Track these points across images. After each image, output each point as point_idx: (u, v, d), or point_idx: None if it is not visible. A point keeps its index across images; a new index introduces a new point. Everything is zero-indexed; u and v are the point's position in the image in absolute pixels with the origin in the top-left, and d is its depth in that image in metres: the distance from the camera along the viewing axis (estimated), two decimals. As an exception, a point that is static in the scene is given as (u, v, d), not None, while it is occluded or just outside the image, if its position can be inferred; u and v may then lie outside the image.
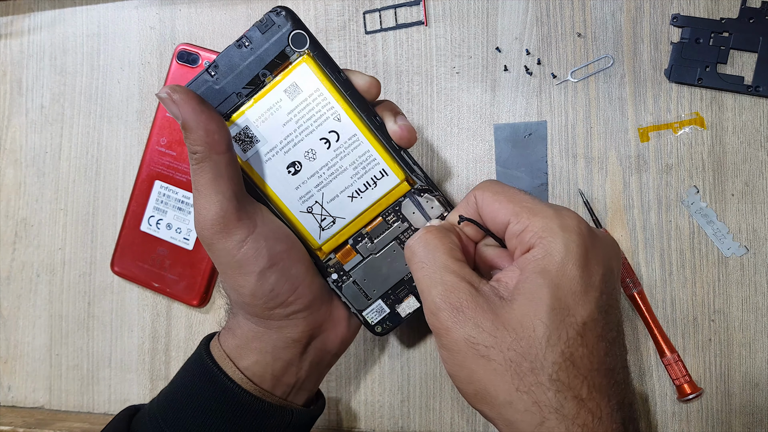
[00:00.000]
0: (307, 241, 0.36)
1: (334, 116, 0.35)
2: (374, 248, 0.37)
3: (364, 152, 0.35)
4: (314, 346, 0.36)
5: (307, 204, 0.36)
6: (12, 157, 0.54)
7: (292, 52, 0.34)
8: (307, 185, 0.36)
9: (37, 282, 0.53)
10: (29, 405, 0.53)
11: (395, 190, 0.36)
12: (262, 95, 0.35)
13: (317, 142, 0.35)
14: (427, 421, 0.47)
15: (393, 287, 0.37)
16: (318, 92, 0.35)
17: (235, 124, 0.35)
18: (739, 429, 0.43)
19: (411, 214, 0.36)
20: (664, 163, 0.44)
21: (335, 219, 0.36)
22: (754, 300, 0.43)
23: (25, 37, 0.54)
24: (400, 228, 0.36)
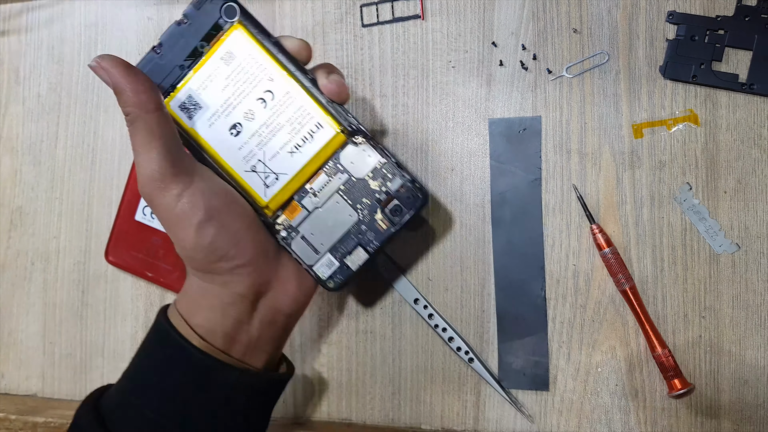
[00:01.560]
0: (254, 199, 0.38)
1: (267, 77, 0.37)
2: (318, 202, 0.38)
3: (299, 107, 0.37)
4: (264, 303, 0.37)
5: (250, 163, 0.37)
6: (8, 146, 0.54)
7: (225, 23, 0.37)
8: (249, 145, 0.37)
9: (31, 270, 0.53)
10: (22, 392, 0.53)
11: (332, 141, 0.37)
12: (201, 65, 0.37)
13: (254, 103, 0.37)
14: (418, 413, 0.47)
15: (340, 240, 0.38)
16: (250, 56, 0.37)
17: (179, 94, 0.37)
18: (729, 425, 0.43)
19: (350, 164, 0.37)
20: (658, 159, 0.44)
21: (278, 175, 0.38)
22: (744, 297, 0.43)
23: (23, 26, 0.54)
24: (341, 179, 0.37)
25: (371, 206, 0.38)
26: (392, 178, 0.37)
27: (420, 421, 0.47)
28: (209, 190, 0.35)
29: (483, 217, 0.46)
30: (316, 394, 0.48)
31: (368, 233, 0.38)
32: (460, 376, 0.46)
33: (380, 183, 0.37)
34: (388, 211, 0.37)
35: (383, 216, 0.38)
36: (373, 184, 0.37)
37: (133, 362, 0.37)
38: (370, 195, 0.37)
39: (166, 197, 0.34)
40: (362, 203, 0.38)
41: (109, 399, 0.37)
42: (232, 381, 0.35)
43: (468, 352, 0.46)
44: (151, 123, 0.34)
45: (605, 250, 0.44)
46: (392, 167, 0.37)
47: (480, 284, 0.46)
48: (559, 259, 0.45)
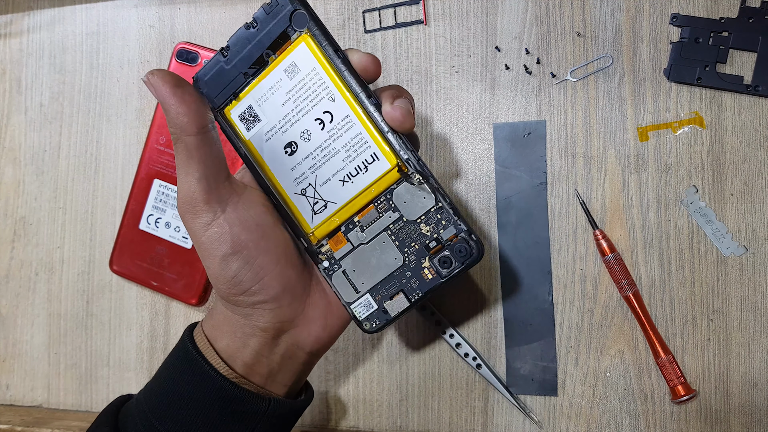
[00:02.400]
0: (300, 224, 0.36)
1: (328, 96, 0.35)
2: (364, 238, 0.35)
3: (356, 134, 0.35)
4: (285, 339, 0.36)
5: (301, 186, 0.36)
6: (11, 156, 0.54)
7: (293, 32, 0.34)
8: (302, 167, 0.36)
9: (35, 280, 0.53)
10: (27, 404, 0.53)
11: (386, 176, 0.35)
12: (264, 75, 0.35)
13: (312, 123, 0.35)
14: (426, 420, 0.46)
15: (382, 282, 0.36)
16: (314, 71, 0.35)
17: (240, 103, 0.36)
18: (738, 428, 0.43)
19: (402, 203, 0.35)
20: (663, 162, 0.44)
21: (327, 203, 0.36)
22: (753, 300, 0.43)
23: (24, 35, 0.54)
24: (391, 218, 0.35)
25: (419, 251, 0.35)
26: (446, 225, 0.34)
27: (428, 428, 0.46)
28: (240, 222, 0.34)
29: (489, 222, 0.46)
30: (324, 402, 0.48)
31: (412, 280, 0.35)
32: (468, 383, 0.46)
33: (432, 228, 0.34)
34: (437, 260, 0.34)
35: (430, 264, 0.35)
36: (425, 228, 0.34)
37: (158, 382, 0.37)
38: (419, 239, 0.35)
39: (195, 223, 0.34)
40: (410, 247, 0.35)
41: (131, 418, 0.36)
42: (258, 410, 0.35)
43: (476, 358, 0.45)
44: (191, 146, 0.33)
45: (608, 256, 0.44)
46: (448, 214, 0.34)
47: (487, 289, 0.46)
48: (566, 264, 0.45)
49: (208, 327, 0.36)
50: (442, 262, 0.34)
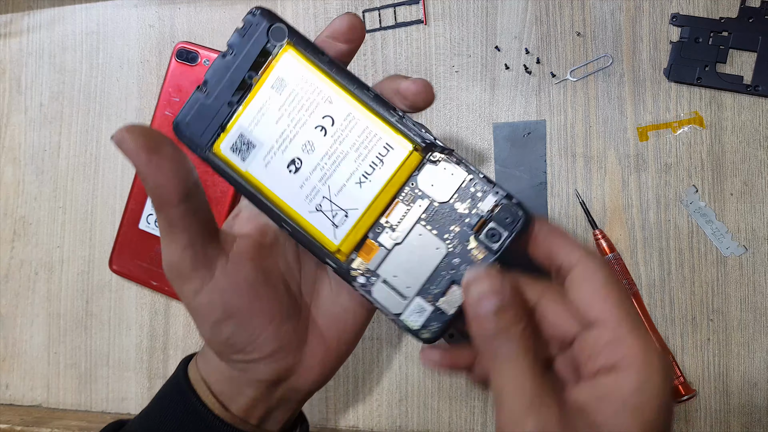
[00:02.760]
0: (323, 244, 0.32)
1: (324, 100, 0.32)
2: (398, 237, 0.32)
3: (363, 129, 0.32)
4: (283, 387, 0.35)
5: (315, 202, 0.33)
6: (11, 155, 0.54)
7: (274, 47, 0.32)
8: (311, 181, 0.33)
9: (35, 280, 0.53)
10: (27, 403, 0.53)
11: (406, 163, 0.31)
12: (251, 98, 0.33)
13: (313, 132, 0.32)
14: (425, 420, 0.46)
15: (429, 279, 0.31)
16: (304, 79, 0.32)
17: (229, 135, 0.33)
18: (738, 428, 0.43)
19: (430, 187, 0.31)
20: (663, 162, 0.44)
21: (347, 212, 0.32)
22: (752, 299, 0.43)
23: (24, 35, 0.54)
24: (422, 207, 0.31)
25: (461, 234, 0.31)
26: (483, 196, 0.31)
27: (428, 428, 0.46)
28: (231, 286, 0.32)
29: (488, 221, 0.46)
30: (324, 401, 0.48)
31: (462, 267, 0.31)
32: (468, 382, 0.46)
33: (469, 205, 0.31)
34: (484, 236, 0.31)
35: (477, 243, 0.31)
36: (461, 207, 0.31)
37: (150, 416, 0.36)
38: (458, 221, 0.31)
39: (183, 289, 0.32)
40: (450, 232, 0.31)
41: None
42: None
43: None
44: (172, 217, 0.30)
45: (608, 256, 0.44)
46: (482, 183, 0.31)
47: (486, 289, 0.46)
48: (566, 264, 0.45)
49: (203, 365, 0.35)
50: (489, 236, 0.30)
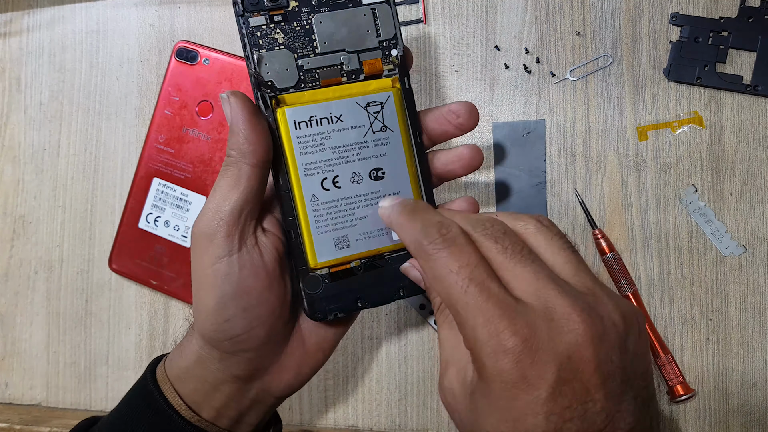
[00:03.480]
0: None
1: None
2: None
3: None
4: (256, 385, 0.35)
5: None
6: (10, 154, 0.54)
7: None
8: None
9: (35, 279, 0.53)
10: (26, 402, 0.53)
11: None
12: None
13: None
14: (425, 419, 0.46)
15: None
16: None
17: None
18: (737, 428, 0.43)
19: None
20: (663, 162, 0.44)
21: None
22: (752, 299, 0.43)
23: (24, 34, 0.54)
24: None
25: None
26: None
27: (427, 427, 0.46)
28: (251, 266, 0.33)
29: (488, 221, 0.46)
30: (323, 401, 0.48)
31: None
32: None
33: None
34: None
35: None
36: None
37: (117, 416, 0.36)
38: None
39: (206, 252, 0.32)
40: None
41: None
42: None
43: (474, 357, 0.45)
44: (243, 174, 0.32)
45: (607, 256, 0.44)
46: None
47: (486, 289, 0.46)
48: (565, 263, 0.45)
49: (173, 369, 0.35)
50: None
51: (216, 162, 0.48)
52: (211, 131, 0.48)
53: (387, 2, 0.34)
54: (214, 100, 0.48)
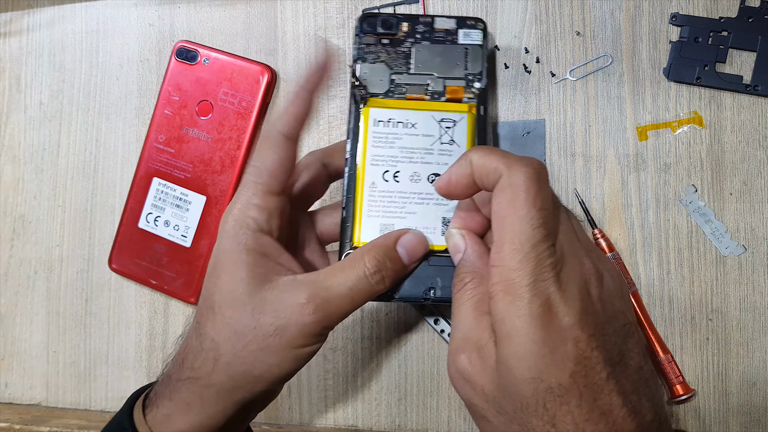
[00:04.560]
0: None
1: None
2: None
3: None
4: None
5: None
6: (10, 154, 0.54)
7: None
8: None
9: (34, 279, 0.53)
10: (26, 402, 0.53)
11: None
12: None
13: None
14: (425, 419, 0.46)
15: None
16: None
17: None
18: (737, 428, 0.43)
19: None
20: (663, 161, 0.44)
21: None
22: (752, 299, 0.43)
23: (24, 33, 0.54)
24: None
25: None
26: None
27: (427, 427, 0.46)
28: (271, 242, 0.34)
29: (488, 221, 0.46)
30: (322, 400, 0.48)
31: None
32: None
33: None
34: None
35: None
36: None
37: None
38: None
39: (237, 207, 0.34)
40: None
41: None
42: None
43: (474, 357, 0.45)
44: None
45: (607, 255, 0.44)
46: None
47: (485, 289, 0.46)
48: (565, 263, 0.45)
49: (155, 418, 0.35)
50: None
51: (216, 162, 0.48)
52: (211, 131, 0.48)
53: (480, 46, 0.40)
54: (214, 100, 0.48)
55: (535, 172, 0.29)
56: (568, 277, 0.29)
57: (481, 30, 0.40)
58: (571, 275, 0.29)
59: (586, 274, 0.29)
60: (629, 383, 0.29)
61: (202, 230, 0.48)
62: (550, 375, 0.27)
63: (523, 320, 0.28)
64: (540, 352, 0.27)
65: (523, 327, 0.28)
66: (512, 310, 0.28)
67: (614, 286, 0.31)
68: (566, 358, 0.27)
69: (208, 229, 0.48)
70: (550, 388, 0.27)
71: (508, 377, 0.28)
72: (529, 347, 0.27)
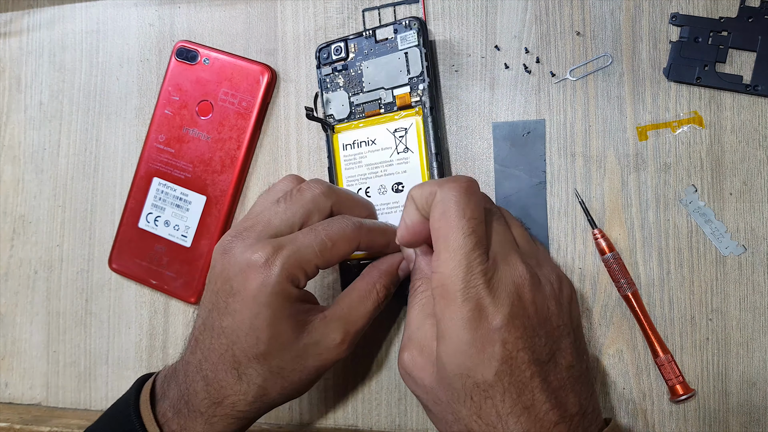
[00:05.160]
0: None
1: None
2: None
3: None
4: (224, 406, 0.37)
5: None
6: (10, 154, 0.54)
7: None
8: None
9: (34, 279, 0.53)
10: (26, 402, 0.53)
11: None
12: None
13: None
14: (425, 419, 0.46)
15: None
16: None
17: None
18: (737, 428, 0.43)
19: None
20: (663, 161, 0.44)
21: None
22: (752, 299, 0.43)
23: (24, 33, 0.54)
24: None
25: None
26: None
27: (427, 427, 0.46)
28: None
29: (488, 221, 0.46)
30: (322, 400, 0.48)
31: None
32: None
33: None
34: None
35: None
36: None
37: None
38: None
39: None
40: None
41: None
42: None
43: (474, 356, 0.45)
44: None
45: (607, 255, 0.44)
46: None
47: (485, 288, 0.46)
48: (565, 263, 0.45)
49: (162, 407, 0.36)
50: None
51: (216, 162, 0.48)
52: (211, 131, 0.48)
53: (417, 46, 0.42)
54: (214, 100, 0.48)
55: (462, 186, 0.33)
56: (499, 283, 0.32)
57: (416, 29, 0.41)
58: (502, 281, 0.32)
59: (518, 280, 0.32)
60: (556, 380, 0.32)
61: (202, 230, 0.48)
62: (477, 372, 0.31)
63: (454, 322, 0.31)
64: (468, 352, 0.31)
65: (454, 328, 0.31)
66: (446, 312, 0.31)
67: (550, 290, 0.34)
68: (493, 358, 0.31)
69: (208, 229, 0.48)
70: (477, 384, 0.31)
71: (442, 372, 0.32)
72: (458, 347, 0.31)
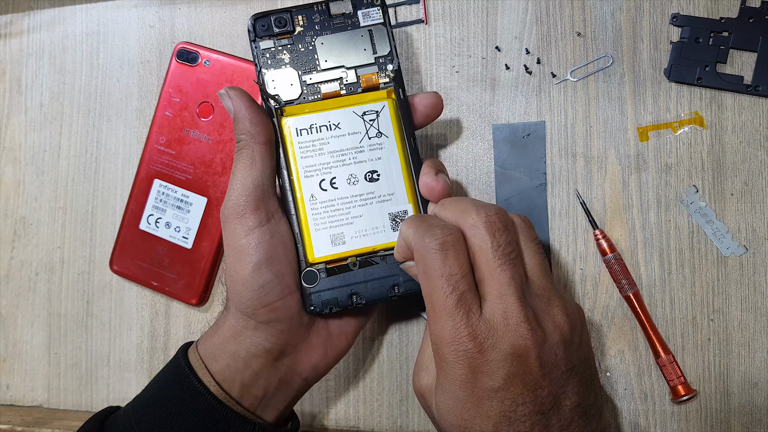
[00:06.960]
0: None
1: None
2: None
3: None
4: (285, 363, 0.37)
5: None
6: (11, 156, 0.54)
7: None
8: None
9: (35, 281, 0.53)
10: (27, 404, 0.53)
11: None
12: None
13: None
14: (426, 420, 0.46)
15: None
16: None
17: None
18: (738, 428, 0.43)
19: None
20: (664, 162, 0.44)
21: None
22: (753, 299, 0.43)
23: (24, 35, 0.54)
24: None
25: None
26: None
27: (428, 428, 0.46)
28: (279, 236, 0.36)
29: (489, 222, 0.46)
30: (324, 401, 0.48)
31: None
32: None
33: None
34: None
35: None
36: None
37: (147, 396, 0.38)
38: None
39: (237, 226, 0.35)
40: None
41: (115, 424, 0.37)
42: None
43: (476, 357, 0.45)
44: (256, 154, 0.35)
45: (608, 256, 0.44)
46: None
47: (487, 289, 0.46)
48: (566, 264, 0.45)
49: (206, 347, 0.37)
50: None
51: (217, 163, 0.48)
52: (212, 132, 0.48)
53: (383, 24, 0.37)
54: (215, 102, 0.48)
55: (438, 243, 0.31)
56: (494, 346, 0.30)
57: (379, 6, 0.37)
58: (498, 344, 0.30)
59: (519, 341, 0.30)
60: (559, 423, 0.31)
61: (203, 232, 0.48)
62: (474, 425, 0.30)
63: (448, 381, 0.31)
64: (465, 407, 0.31)
65: (449, 385, 0.31)
66: (442, 367, 0.31)
67: (558, 338, 0.31)
68: (490, 413, 0.30)
69: (209, 230, 0.48)
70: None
71: (440, 418, 0.32)
72: (455, 402, 0.31)
